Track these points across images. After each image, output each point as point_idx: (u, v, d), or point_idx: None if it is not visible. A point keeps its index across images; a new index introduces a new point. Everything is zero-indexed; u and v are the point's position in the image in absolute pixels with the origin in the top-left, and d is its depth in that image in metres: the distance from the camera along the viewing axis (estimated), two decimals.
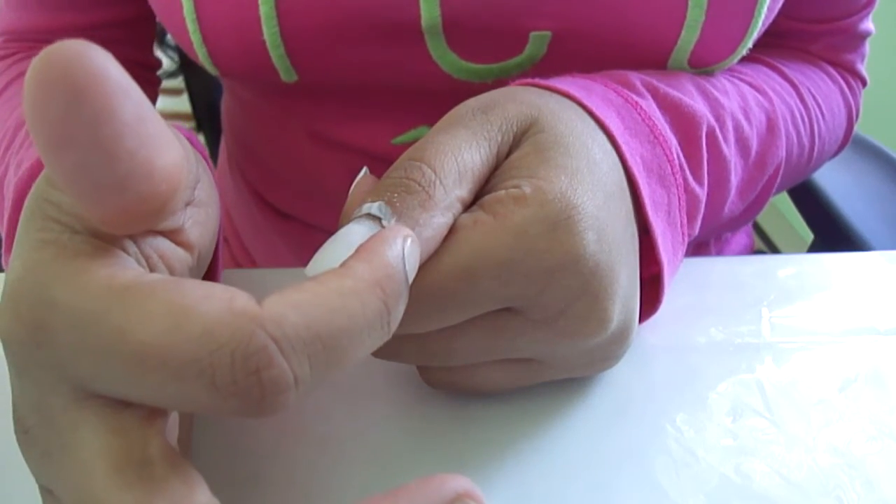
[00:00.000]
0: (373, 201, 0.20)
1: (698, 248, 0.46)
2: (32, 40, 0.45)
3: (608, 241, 0.22)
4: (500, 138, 0.22)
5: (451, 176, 0.21)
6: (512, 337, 0.22)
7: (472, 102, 0.24)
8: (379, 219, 0.20)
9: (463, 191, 0.21)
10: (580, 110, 0.25)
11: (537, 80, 0.26)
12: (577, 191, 0.21)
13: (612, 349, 0.24)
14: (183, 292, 0.15)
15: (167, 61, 0.66)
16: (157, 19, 0.38)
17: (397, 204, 0.20)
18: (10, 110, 0.37)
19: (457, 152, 0.21)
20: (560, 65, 0.32)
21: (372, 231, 0.19)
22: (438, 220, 0.20)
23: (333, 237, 0.19)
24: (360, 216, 0.20)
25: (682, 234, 0.28)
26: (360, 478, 0.23)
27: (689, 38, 0.32)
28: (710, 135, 0.30)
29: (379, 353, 0.23)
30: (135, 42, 0.47)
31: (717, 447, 0.24)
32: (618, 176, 0.24)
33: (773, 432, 0.25)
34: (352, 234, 0.19)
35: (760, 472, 0.24)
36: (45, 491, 0.18)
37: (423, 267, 0.20)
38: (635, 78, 0.29)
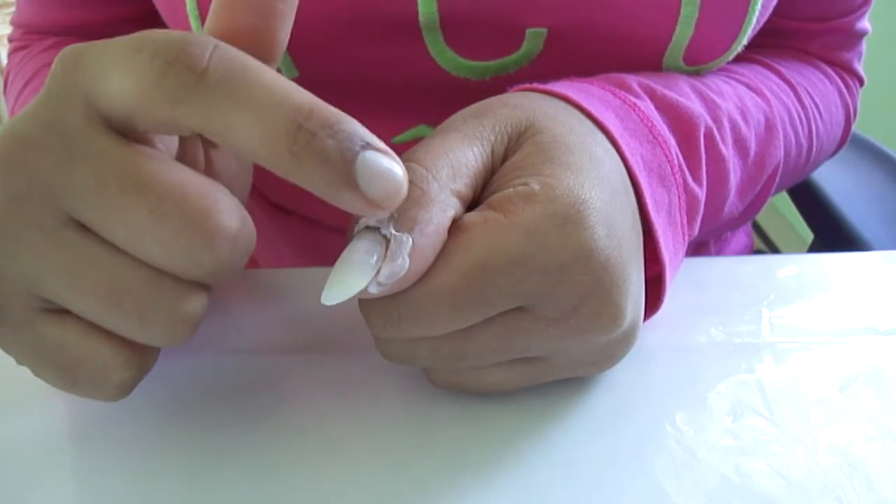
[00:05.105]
0: None
1: (698, 248, 0.46)
2: (47, 33, 0.46)
3: (618, 237, 0.22)
4: (493, 138, 0.22)
5: (444, 170, 0.21)
6: (525, 336, 0.22)
7: (464, 111, 0.24)
8: (378, 228, 0.20)
9: (458, 184, 0.21)
10: (578, 112, 0.25)
11: (535, 85, 0.26)
12: (584, 186, 0.21)
13: (619, 348, 0.24)
14: None
15: None
16: (162, 16, 0.38)
17: None
18: None
19: (448, 151, 0.21)
20: (557, 61, 0.32)
21: (374, 244, 0.19)
22: (438, 217, 0.20)
23: (340, 259, 0.20)
24: (360, 230, 0.20)
25: (683, 234, 0.28)
26: (360, 477, 0.23)
27: (683, 33, 0.32)
28: (708, 135, 0.30)
29: (393, 357, 0.23)
30: None
31: (717, 447, 0.24)
32: (621, 174, 0.24)
33: (773, 432, 0.25)
34: (355, 253, 0.19)
35: (760, 472, 0.24)
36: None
37: (435, 267, 0.20)
38: (632, 80, 0.29)
